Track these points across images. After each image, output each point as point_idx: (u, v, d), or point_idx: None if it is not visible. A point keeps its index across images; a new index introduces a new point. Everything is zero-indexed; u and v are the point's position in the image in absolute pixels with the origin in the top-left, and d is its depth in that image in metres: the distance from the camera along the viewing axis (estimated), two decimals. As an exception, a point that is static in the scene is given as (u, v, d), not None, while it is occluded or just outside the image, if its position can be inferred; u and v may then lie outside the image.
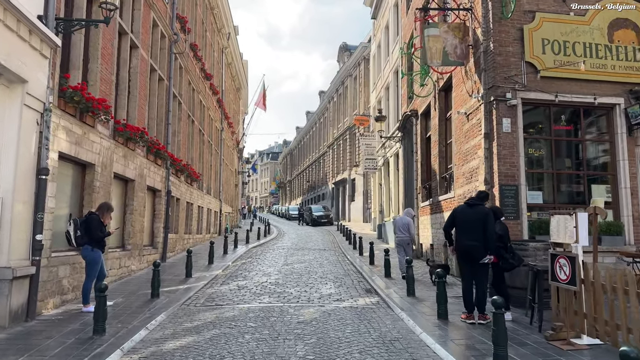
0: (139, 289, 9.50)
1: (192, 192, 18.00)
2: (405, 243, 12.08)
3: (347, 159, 45.33)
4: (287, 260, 14.98)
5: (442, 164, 12.55)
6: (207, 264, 13.52)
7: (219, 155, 25.49)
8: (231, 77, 31.18)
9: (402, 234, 12.13)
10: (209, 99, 21.95)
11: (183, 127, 16.56)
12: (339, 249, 19.44)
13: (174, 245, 15.45)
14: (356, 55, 42.81)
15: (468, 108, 10.00)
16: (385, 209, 22.30)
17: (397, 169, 20.32)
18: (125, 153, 10.68)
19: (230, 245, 18.77)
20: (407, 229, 12.07)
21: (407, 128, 17.41)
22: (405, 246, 12.09)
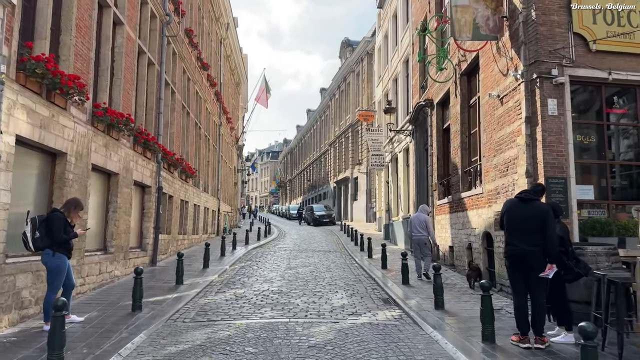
0: (121, 299, 8.14)
1: (187, 189, 16.65)
2: (422, 243, 11.06)
3: (349, 157, 44.01)
4: (291, 263, 13.62)
5: (464, 157, 11.20)
6: (201, 268, 12.17)
7: (216, 151, 24.14)
8: (230, 71, 29.83)
9: (419, 232, 11.09)
10: (206, 91, 20.60)
11: (177, 118, 15.22)
12: (345, 250, 18.10)
13: (166, 247, 14.10)
14: (359, 51, 41.49)
15: (502, 90, 8.65)
16: (393, 208, 20.96)
17: (406, 165, 18.98)
18: (107, 142, 9.32)
19: (229, 246, 17.41)
20: (425, 226, 11.06)
21: (419, 120, 16.07)
22: (422, 246, 11.07)
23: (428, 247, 11.34)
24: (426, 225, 11.27)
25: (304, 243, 21.10)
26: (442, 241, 13.07)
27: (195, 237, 18.57)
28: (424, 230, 11.22)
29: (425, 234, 11.26)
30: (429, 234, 11.32)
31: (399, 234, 19.23)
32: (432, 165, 14.19)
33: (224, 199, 27.34)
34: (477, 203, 9.95)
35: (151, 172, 12.35)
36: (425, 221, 11.29)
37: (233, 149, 32.73)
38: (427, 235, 11.31)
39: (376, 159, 21.96)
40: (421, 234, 11.18)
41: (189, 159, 17.16)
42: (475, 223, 10.12)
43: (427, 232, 11.27)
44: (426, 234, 11.28)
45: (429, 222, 11.42)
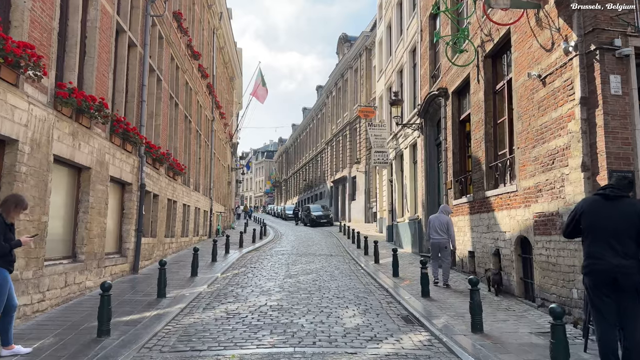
0: (87, 319, 6.69)
1: (175, 187, 15.19)
2: (442, 246, 10.06)
3: (347, 156, 42.67)
4: (290, 270, 12.20)
5: (489, 150, 9.84)
6: (189, 277, 10.73)
7: (209, 147, 22.67)
8: (223, 63, 28.36)
9: (438, 235, 10.11)
10: (197, 82, 19.15)
11: (164, 109, 13.76)
12: (347, 254, 16.71)
13: (151, 252, 12.65)
14: (357, 46, 40.17)
15: (544, 68, 7.29)
16: (398, 209, 19.59)
17: (413, 162, 17.62)
18: (75, 130, 7.87)
19: (221, 249, 15.97)
20: (446, 229, 10.09)
21: (430, 112, 14.71)
22: (442, 250, 10.08)
23: (448, 251, 10.24)
24: (447, 227, 10.19)
25: (303, 246, 19.68)
26: (459, 245, 11.70)
27: (185, 240, 17.10)
28: (444, 233, 10.12)
29: (445, 237, 10.14)
30: (449, 237, 10.19)
31: (405, 236, 17.86)
32: (445, 161, 12.82)
33: (216, 199, 25.88)
34: (509, 202, 8.58)
35: (132, 167, 10.89)
36: (446, 223, 10.23)
37: (227, 147, 31.26)
38: (448, 238, 10.18)
39: (379, 156, 20.58)
40: (441, 237, 10.08)
41: (178, 154, 15.70)
42: (505, 225, 8.76)
43: (447, 235, 10.13)
44: (447, 237, 10.15)
45: (450, 224, 10.31)
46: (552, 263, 6.95)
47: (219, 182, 27.50)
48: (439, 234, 10.11)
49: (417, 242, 15.98)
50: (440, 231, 10.12)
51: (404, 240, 18.05)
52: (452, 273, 11.64)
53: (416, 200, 17.41)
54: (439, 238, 10.11)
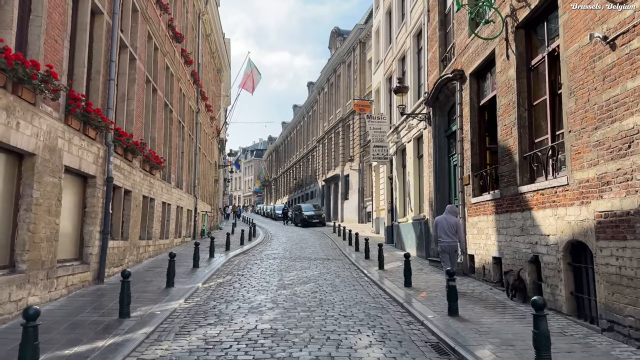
0: (13, 356, 4.95)
1: (152, 183, 13.43)
2: (453, 250, 9.37)
3: (339, 154, 41.11)
4: (283, 278, 10.52)
5: (523, 137, 8.26)
6: (164, 287, 9.02)
7: (193, 141, 20.89)
8: (210, 53, 26.58)
9: (448, 237, 9.36)
10: (180, 68, 17.38)
11: (139, 92, 12.00)
12: (346, 257, 15.08)
13: (122, 257, 10.89)
14: (350, 39, 38.62)
15: (612, 28, 5.72)
16: (399, 208, 18.01)
17: (418, 157, 16.05)
18: (10, 104, 6.13)
19: (205, 253, 14.25)
20: (455, 231, 9.40)
21: (440, 100, 13.13)
22: (452, 254, 9.38)
23: (457, 254, 9.54)
24: (456, 229, 9.43)
25: (296, 248, 18.00)
26: (479, 250, 10.13)
27: (165, 242, 15.33)
28: (454, 235, 9.37)
29: (455, 239, 9.40)
30: (459, 240, 9.48)
31: (409, 238, 16.28)
32: (461, 154, 11.23)
33: (202, 197, 24.10)
34: (555, 199, 6.99)
35: (96, 157, 9.14)
36: (455, 224, 9.44)
37: (214, 142, 29.46)
38: (457, 241, 9.42)
39: (379, 151, 18.97)
40: (451, 240, 9.33)
41: (156, 146, 13.93)
42: (549, 227, 7.18)
43: (456, 237, 9.40)
44: (456, 240, 9.41)
45: (459, 226, 9.45)
46: (627, 276, 5.37)
47: (205, 180, 25.72)
48: (449, 236, 9.34)
49: (424, 245, 14.40)
50: (449, 233, 9.34)
51: (407, 243, 16.47)
52: (470, 281, 10.07)
53: (421, 198, 15.84)
54: (449, 241, 9.34)
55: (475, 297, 8.38)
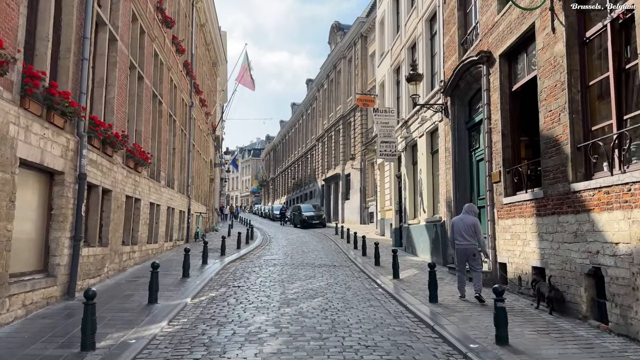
0: None
1: (137, 181, 11.99)
2: (470, 253, 8.34)
3: (339, 152, 39.74)
4: (286, 291, 9.09)
5: (576, 125, 6.87)
6: (145, 304, 7.59)
7: (187, 138, 19.44)
8: (205, 44, 25.13)
9: (465, 240, 8.35)
10: (171, 57, 15.94)
11: (121, 78, 10.57)
12: (353, 264, 13.68)
13: (100, 266, 9.45)
14: (351, 34, 37.25)
15: None
16: (409, 209, 16.61)
17: (431, 153, 14.66)
18: None
19: (197, 259, 12.84)
20: (473, 232, 8.33)
21: (460, 87, 11.73)
22: (471, 258, 8.35)
23: (478, 259, 8.46)
24: (475, 230, 8.36)
25: (297, 253, 16.58)
26: (514, 258, 8.74)
27: (153, 247, 13.89)
28: (471, 237, 8.32)
29: (474, 241, 8.35)
30: (479, 242, 8.39)
31: (421, 242, 14.88)
32: (489, 147, 9.84)
33: (196, 198, 22.66)
34: (628, 199, 5.60)
35: (65, 149, 7.70)
36: (473, 225, 8.37)
37: (209, 139, 28.01)
38: (476, 243, 8.37)
39: (386, 147, 17.56)
40: (468, 242, 8.32)
41: (142, 141, 12.50)
42: (617, 234, 5.79)
43: (475, 239, 8.35)
44: (475, 242, 8.36)
45: (478, 226, 8.44)
46: None
47: (200, 179, 24.28)
48: (466, 239, 8.33)
49: (440, 250, 13.00)
50: (466, 235, 8.33)
51: (419, 247, 15.07)
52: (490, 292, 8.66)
53: (435, 198, 14.45)
54: (466, 243, 8.33)
55: (518, 316, 6.99)
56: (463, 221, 8.47)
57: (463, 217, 8.56)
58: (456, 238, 8.50)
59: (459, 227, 8.46)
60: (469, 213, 8.57)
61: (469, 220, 8.45)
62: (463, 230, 8.38)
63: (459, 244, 8.45)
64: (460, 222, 8.49)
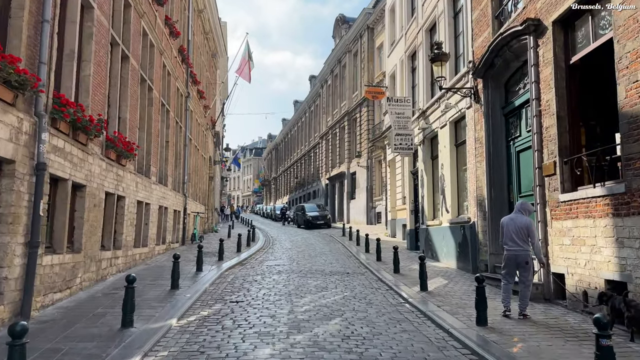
0: None
1: (121, 176, 10.36)
2: (522, 261, 6.84)
3: (345, 150, 38.12)
4: (295, 309, 7.42)
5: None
6: (118, 328, 5.95)
7: (182, 131, 17.82)
8: (203, 33, 23.51)
9: (515, 245, 6.84)
10: (164, 40, 14.31)
11: (99, 54, 8.94)
12: (368, 270, 12.05)
13: (70, 277, 7.82)
14: (357, 26, 35.66)
15: None
16: (427, 208, 14.96)
17: (455, 145, 13.00)
18: None
19: (191, 264, 11.23)
20: (526, 235, 6.83)
21: (496, 67, 10.06)
22: (522, 267, 6.86)
23: (529, 269, 6.86)
24: (528, 232, 6.83)
25: (303, 257, 14.93)
26: (576, 268, 7.08)
27: (142, 251, 12.26)
28: (524, 241, 6.81)
29: (526, 247, 6.82)
30: (533, 247, 6.85)
31: (443, 245, 13.21)
32: (538, 133, 8.18)
33: (194, 196, 21.04)
34: None
35: (15, 131, 6.06)
36: (526, 227, 6.83)
37: (208, 135, 26.38)
38: (529, 249, 6.84)
39: (402, 140, 15.90)
40: (520, 248, 6.81)
41: (127, 129, 10.87)
42: None
43: (529, 244, 6.84)
44: (528, 248, 6.83)
45: (532, 229, 6.89)
46: None
47: (198, 176, 22.65)
48: (517, 243, 6.82)
49: (469, 256, 11.34)
50: (518, 239, 6.82)
51: (441, 251, 13.41)
52: (560, 311, 7.01)
53: (461, 196, 12.80)
54: (517, 249, 6.82)
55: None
56: (514, 222, 6.89)
57: (514, 217, 6.97)
58: (505, 242, 6.95)
59: (509, 230, 6.90)
60: (521, 212, 6.98)
61: (522, 221, 6.86)
62: (514, 233, 6.84)
63: (508, 249, 6.91)
64: (511, 223, 6.91)
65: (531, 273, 6.90)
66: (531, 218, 7.17)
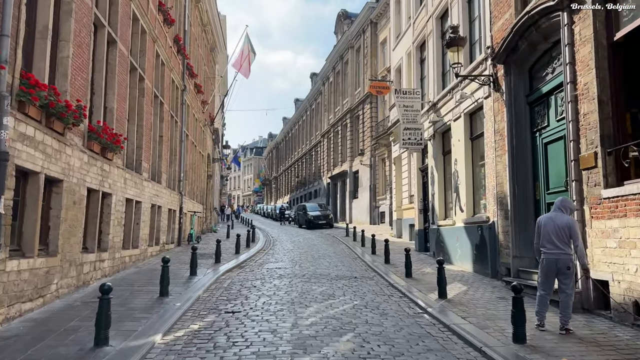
0: None
1: (106, 171, 9.42)
2: (563, 266, 5.85)
3: (347, 148, 37.21)
4: (299, 321, 6.46)
5: None
6: (90, 347, 5.01)
7: (177, 125, 16.88)
8: (201, 25, 22.56)
9: (556, 248, 5.87)
10: (157, 26, 13.38)
11: (79, 34, 8.00)
12: (376, 273, 11.14)
13: (43, 284, 6.88)
14: (360, 21, 34.75)
15: None
16: (438, 207, 14.01)
17: (471, 138, 12.05)
18: None
19: (185, 267, 10.30)
20: (567, 236, 5.86)
21: (520, 50, 9.10)
22: (563, 272, 5.86)
23: (571, 275, 5.89)
24: (570, 233, 5.86)
25: (306, 259, 13.99)
26: (624, 275, 6.13)
27: (132, 253, 11.32)
28: (565, 243, 5.85)
29: (568, 250, 5.86)
30: (576, 250, 5.85)
31: (458, 247, 12.27)
32: (574, 121, 7.23)
33: (191, 195, 20.11)
34: None
35: (-31, 114, 5.12)
36: (568, 227, 5.88)
37: (206, 131, 25.43)
38: (571, 252, 5.87)
39: (410, 135, 14.95)
40: (561, 251, 5.85)
41: (115, 120, 9.92)
42: None
43: (570, 246, 5.87)
44: (570, 251, 5.86)
45: (574, 229, 5.90)
46: None
47: (195, 174, 21.71)
48: (557, 246, 5.86)
49: (487, 258, 10.40)
50: (558, 241, 5.87)
51: (455, 253, 12.45)
52: (605, 324, 6.07)
53: (477, 194, 11.86)
54: (558, 252, 5.86)
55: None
56: (554, 221, 5.95)
57: (554, 215, 6.02)
58: (543, 245, 5.99)
59: (547, 230, 5.95)
60: (561, 210, 6.04)
61: (563, 220, 5.92)
62: (554, 234, 5.89)
63: (547, 252, 5.95)
64: (550, 222, 5.97)
65: (573, 280, 5.96)
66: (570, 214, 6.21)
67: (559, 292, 5.99)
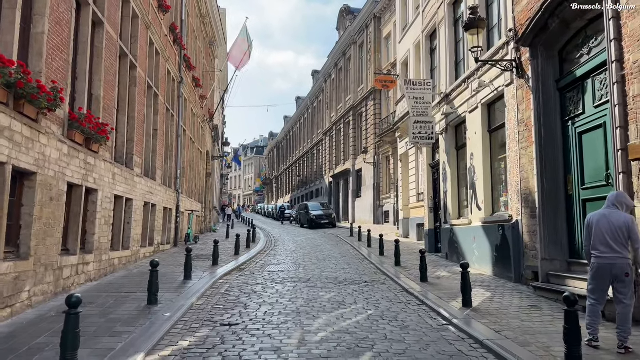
0: None
1: (91, 164, 8.51)
2: (621, 272, 4.95)
3: (350, 146, 36.30)
4: (307, 337, 5.52)
5: None
6: (54, 374, 4.10)
7: (174, 119, 15.97)
8: (200, 16, 21.66)
9: (611, 251, 4.98)
10: (151, 12, 12.47)
11: (57, 9, 7.10)
12: (386, 276, 10.28)
13: (11, 293, 5.97)
14: (363, 16, 33.86)
15: None
16: (451, 206, 13.09)
17: (489, 130, 11.14)
18: None
19: (180, 270, 9.40)
20: (625, 237, 4.96)
21: (551, 30, 8.17)
22: (620, 280, 4.96)
23: (630, 282, 4.98)
24: (629, 234, 4.96)
25: (310, 261, 13.07)
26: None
27: (122, 255, 10.41)
28: (622, 245, 4.96)
29: (625, 253, 4.98)
30: (636, 253, 4.99)
31: (474, 248, 11.34)
32: (621, 105, 6.30)
33: (188, 193, 19.22)
34: None
35: None
36: (626, 227, 4.99)
37: (205, 127, 24.53)
38: (629, 256, 5.00)
39: (421, 129, 14.03)
40: (618, 255, 4.96)
41: (101, 109, 9.00)
42: None
43: (628, 249, 4.99)
44: (627, 255, 4.99)
45: (634, 229, 5.00)
46: None
47: (194, 172, 20.80)
48: (613, 249, 5.00)
49: (510, 261, 9.48)
50: (614, 243, 4.99)
51: (471, 255, 11.52)
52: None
53: (497, 190, 10.95)
54: (614, 256, 4.99)
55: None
56: (608, 220, 5.05)
57: (608, 213, 5.12)
58: (595, 247, 5.10)
59: (601, 230, 5.07)
60: (617, 206, 5.14)
61: (619, 218, 5.03)
62: (608, 235, 5.02)
63: (600, 256, 5.06)
64: (604, 221, 5.07)
65: (632, 289, 5.05)
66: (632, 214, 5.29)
67: (615, 303, 5.08)
